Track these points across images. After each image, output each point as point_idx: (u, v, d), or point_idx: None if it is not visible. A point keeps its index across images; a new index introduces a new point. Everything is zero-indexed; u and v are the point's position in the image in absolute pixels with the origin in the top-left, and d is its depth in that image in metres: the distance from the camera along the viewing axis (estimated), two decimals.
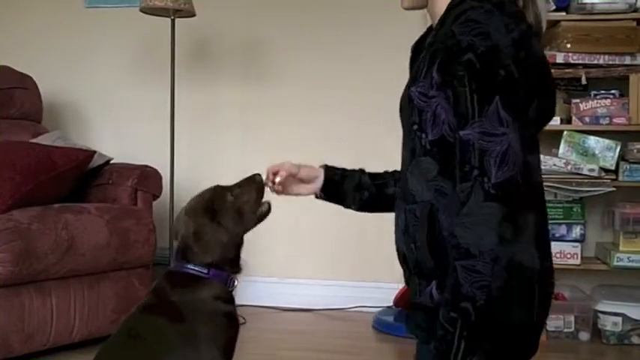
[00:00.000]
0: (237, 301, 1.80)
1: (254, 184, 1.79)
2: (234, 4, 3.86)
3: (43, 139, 3.21)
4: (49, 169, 2.80)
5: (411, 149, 1.52)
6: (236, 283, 1.75)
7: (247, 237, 4.10)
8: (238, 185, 1.79)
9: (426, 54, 1.48)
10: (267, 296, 3.76)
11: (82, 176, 3.06)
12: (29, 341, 2.62)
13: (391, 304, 3.43)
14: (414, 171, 1.51)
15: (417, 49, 1.65)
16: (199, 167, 3.88)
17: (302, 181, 1.87)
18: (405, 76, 1.79)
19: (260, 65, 3.84)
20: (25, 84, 3.52)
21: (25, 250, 2.54)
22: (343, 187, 1.87)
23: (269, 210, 1.81)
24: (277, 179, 1.83)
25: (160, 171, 3.22)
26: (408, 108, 1.51)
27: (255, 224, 1.80)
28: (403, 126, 1.59)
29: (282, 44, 3.81)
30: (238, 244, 1.78)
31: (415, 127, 1.48)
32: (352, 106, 3.67)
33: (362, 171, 1.88)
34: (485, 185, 1.32)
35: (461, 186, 1.35)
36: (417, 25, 3.50)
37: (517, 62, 1.36)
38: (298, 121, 3.79)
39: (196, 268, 1.68)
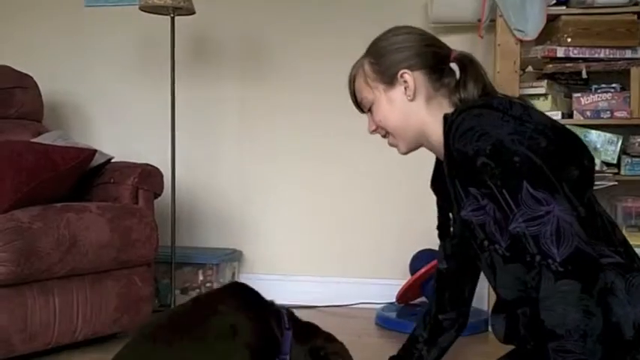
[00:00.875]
0: None
1: None
2: (234, 1, 3.85)
3: (43, 139, 3.21)
4: (50, 168, 2.79)
5: (489, 266, 1.54)
6: None
7: (249, 233, 4.07)
8: None
9: (453, 182, 1.51)
10: (269, 293, 3.75)
11: (83, 175, 3.05)
12: (32, 341, 2.61)
13: (394, 300, 3.43)
14: (503, 282, 1.53)
15: (436, 187, 1.73)
16: (200, 165, 3.88)
17: None
18: None
19: (260, 62, 3.83)
20: (25, 83, 3.52)
21: (26, 249, 2.54)
22: None
23: None
24: None
25: (161, 169, 3.21)
26: (469, 231, 1.54)
27: None
28: (464, 252, 1.66)
29: (283, 42, 3.80)
30: None
31: (486, 242, 1.50)
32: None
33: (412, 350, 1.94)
34: (552, 267, 1.32)
35: (529, 275, 1.38)
36: (418, 14, 3.51)
37: (527, 142, 1.38)
38: (299, 118, 3.79)
39: (286, 320, 1.85)
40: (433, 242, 3.71)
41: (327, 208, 3.77)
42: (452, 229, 1.69)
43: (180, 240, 3.61)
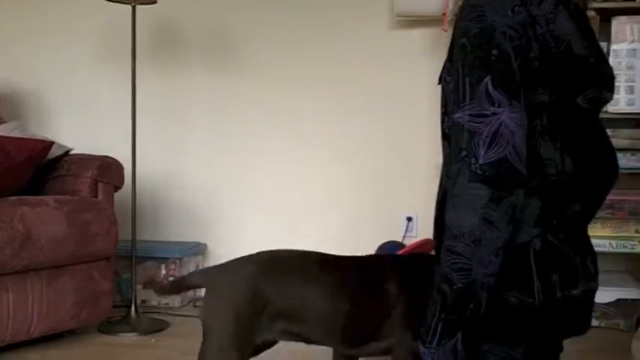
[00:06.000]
0: None
1: None
2: None
3: None
4: (3, 160, 2.72)
5: (445, 135, 1.53)
6: None
7: (214, 226, 3.97)
8: None
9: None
10: None
11: (41, 168, 2.98)
12: None
13: None
14: (447, 154, 1.53)
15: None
16: (164, 157, 3.82)
17: None
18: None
19: (225, 52, 3.77)
20: None
21: None
22: None
23: None
24: None
25: (122, 162, 3.14)
26: (443, 95, 1.53)
27: None
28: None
29: (247, 30, 3.74)
30: None
31: (442, 110, 1.51)
32: (321, 91, 3.61)
33: None
34: (472, 166, 1.31)
35: (452, 168, 1.36)
36: (383, 6, 3.47)
37: (519, 42, 1.34)
38: (265, 108, 3.73)
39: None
40: (399, 235, 3.68)
41: (295, 199, 3.72)
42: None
43: (142, 234, 3.55)
